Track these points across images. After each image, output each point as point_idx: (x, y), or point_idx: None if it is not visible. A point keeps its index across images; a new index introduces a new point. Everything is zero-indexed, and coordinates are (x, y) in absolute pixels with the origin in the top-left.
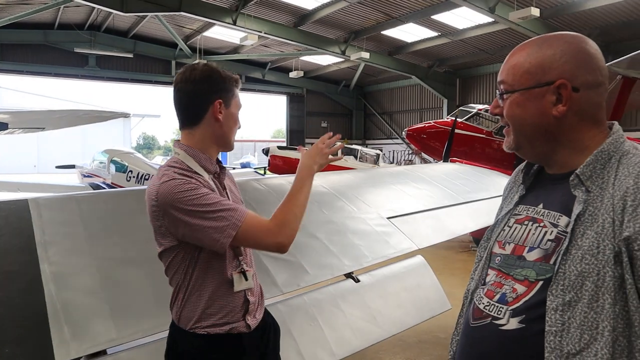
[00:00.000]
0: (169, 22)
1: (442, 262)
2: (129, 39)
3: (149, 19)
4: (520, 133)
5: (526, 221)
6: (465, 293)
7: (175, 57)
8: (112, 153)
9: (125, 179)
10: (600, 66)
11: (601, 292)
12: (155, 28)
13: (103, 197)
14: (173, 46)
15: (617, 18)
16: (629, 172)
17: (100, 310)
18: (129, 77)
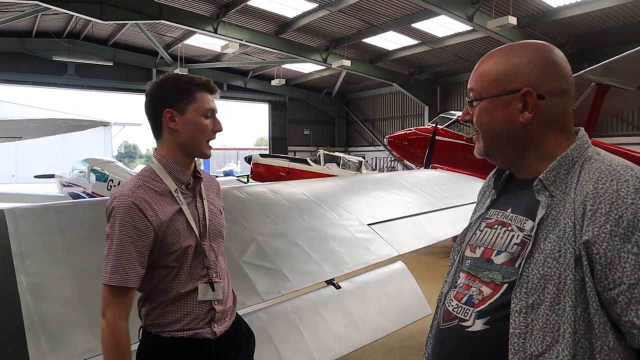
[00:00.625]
0: (149, 30)
1: (425, 268)
2: (109, 47)
3: (129, 27)
4: (489, 140)
5: (496, 225)
6: (439, 296)
7: (156, 65)
8: (93, 162)
9: (106, 188)
10: (565, 74)
11: (562, 295)
12: (136, 36)
13: (81, 207)
14: (154, 54)
15: (591, 27)
16: (589, 178)
17: (79, 321)
18: (109, 86)
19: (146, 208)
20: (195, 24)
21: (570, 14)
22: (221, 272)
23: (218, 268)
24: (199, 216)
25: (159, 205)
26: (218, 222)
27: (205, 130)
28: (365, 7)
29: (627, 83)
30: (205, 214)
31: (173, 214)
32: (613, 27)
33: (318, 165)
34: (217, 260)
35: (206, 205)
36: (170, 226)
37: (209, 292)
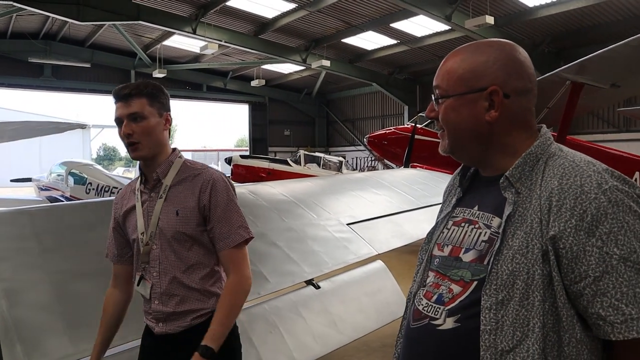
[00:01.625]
0: (127, 31)
1: (405, 267)
2: (86, 49)
3: (107, 28)
4: (455, 137)
5: (463, 223)
6: (408, 295)
7: (134, 66)
8: (71, 165)
9: (84, 191)
10: (529, 73)
11: (531, 290)
12: (113, 37)
13: (58, 210)
14: (132, 55)
15: (567, 26)
16: (554, 174)
17: (55, 326)
18: (87, 88)
19: (117, 202)
20: (174, 24)
21: (546, 13)
22: (162, 272)
23: (159, 267)
24: (147, 214)
25: (125, 200)
26: (167, 224)
27: (120, 138)
28: (343, 7)
29: (601, 81)
30: (154, 213)
31: (129, 208)
32: (587, 26)
33: (298, 165)
34: (159, 259)
35: (159, 205)
36: (126, 217)
37: (135, 285)
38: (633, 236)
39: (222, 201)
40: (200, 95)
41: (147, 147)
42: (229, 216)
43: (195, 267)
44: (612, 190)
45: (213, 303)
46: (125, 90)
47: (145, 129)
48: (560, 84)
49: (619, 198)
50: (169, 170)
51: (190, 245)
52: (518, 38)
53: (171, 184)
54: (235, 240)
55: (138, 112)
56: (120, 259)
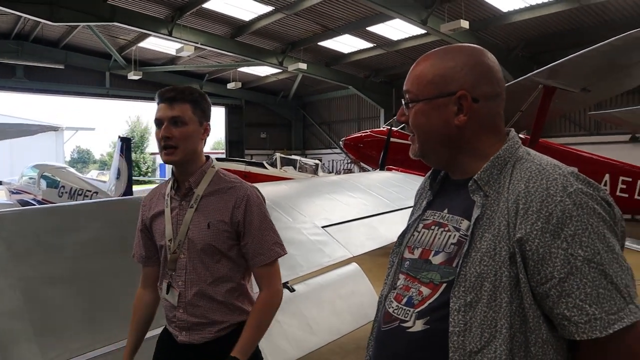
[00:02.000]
0: (102, 32)
1: (380, 269)
2: (60, 50)
3: (81, 29)
4: (425, 141)
5: (433, 226)
6: (379, 298)
7: (109, 68)
8: (43, 168)
9: (57, 194)
10: (498, 78)
11: (499, 292)
12: (88, 38)
13: (29, 214)
14: (107, 57)
15: (540, 31)
16: (521, 177)
17: (24, 333)
18: (60, 89)
19: (145, 204)
20: (149, 26)
21: (519, 19)
22: (188, 282)
23: (185, 276)
24: (177, 222)
25: (154, 203)
26: (197, 235)
27: (156, 139)
28: (320, 10)
29: (572, 85)
30: (182, 221)
31: (157, 212)
32: (560, 31)
33: (275, 168)
34: (186, 269)
35: (189, 215)
36: (154, 221)
37: (164, 293)
38: (597, 238)
39: (256, 218)
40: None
41: (181, 152)
42: (264, 233)
43: (221, 280)
44: (577, 193)
45: (237, 316)
46: (171, 93)
47: (183, 134)
48: (532, 87)
49: (583, 201)
50: (202, 179)
51: (220, 259)
52: (493, 42)
53: (203, 194)
54: (270, 257)
55: (180, 117)
56: (148, 260)
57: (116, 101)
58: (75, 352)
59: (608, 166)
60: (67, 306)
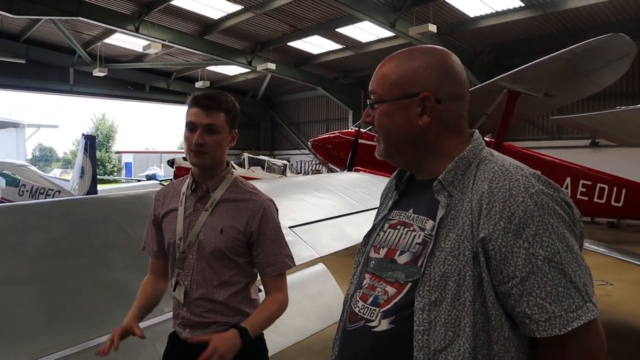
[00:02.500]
0: (66, 27)
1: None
2: (21, 44)
3: (44, 23)
4: (390, 142)
5: (398, 226)
6: (345, 297)
7: (73, 64)
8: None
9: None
10: (461, 79)
11: (462, 291)
12: (51, 33)
13: None
14: (71, 53)
15: (506, 37)
16: (485, 178)
17: None
18: (21, 85)
19: (159, 198)
20: (116, 22)
21: (486, 24)
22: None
23: (191, 277)
24: (189, 222)
25: (168, 199)
26: (208, 239)
27: (186, 141)
28: (290, 10)
29: (536, 90)
30: (195, 223)
31: (170, 209)
32: (525, 37)
33: (242, 168)
34: (194, 269)
35: (203, 217)
36: (165, 217)
37: (172, 290)
38: (557, 238)
39: (270, 230)
40: (142, 95)
41: (211, 158)
42: (277, 245)
43: (226, 284)
44: (538, 194)
45: (238, 319)
46: (208, 101)
47: (216, 142)
48: (498, 92)
49: (544, 201)
50: (220, 184)
51: (227, 264)
52: (460, 47)
53: (220, 200)
54: (281, 268)
55: (215, 125)
56: (158, 253)
57: (80, 98)
58: (34, 355)
59: (569, 170)
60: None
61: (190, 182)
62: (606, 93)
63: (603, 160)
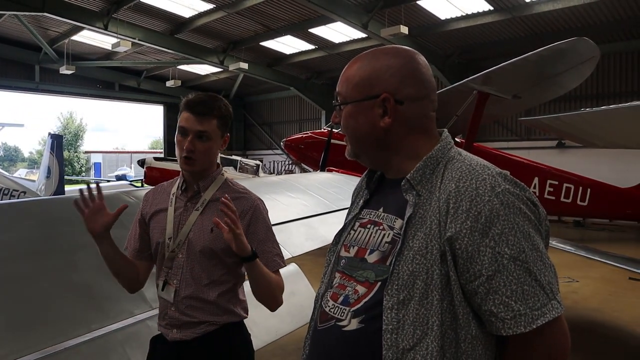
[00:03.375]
0: (31, 23)
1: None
2: None
3: (7, 18)
4: (355, 142)
5: (369, 225)
6: (315, 297)
7: (39, 61)
8: None
9: None
10: (425, 79)
11: (430, 290)
12: (15, 28)
13: None
14: (37, 49)
15: (476, 39)
16: (452, 177)
17: None
18: None
19: (147, 198)
20: (83, 19)
21: (456, 26)
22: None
23: (181, 276)
24: (179, 222)
25: (157, 199)
26: (198, 238)
27: (177, 145)
28: (262, 10)
29: (504, 92)
30: (186, 222)
31: (159, 209)
32: (494, 40)
33: None
34: (184, 268)
35: (194, 217)
36: (154, 217)
37: (159, 290)
38: (522, 237)
39: (260, 229)
40: (112, 94)
41: (201, 164)
42: (267, 245)
43: (215, 284)
44: (504, 193)
45: (227, 317)
46: (201, 107)
47: (207, 149)
48: (468, 93)
49: (510, 200)
50: (210, 185)
51: (216, 263)
52: (431, 48)
53: (210, 199)
54: (272, 267)
55: (206, 132)
56: (140, 254)
57: (47, 96)
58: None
59: (537, 170)
60: None
61: (180, 182)
62: (572, 95)
63: (569, 161)
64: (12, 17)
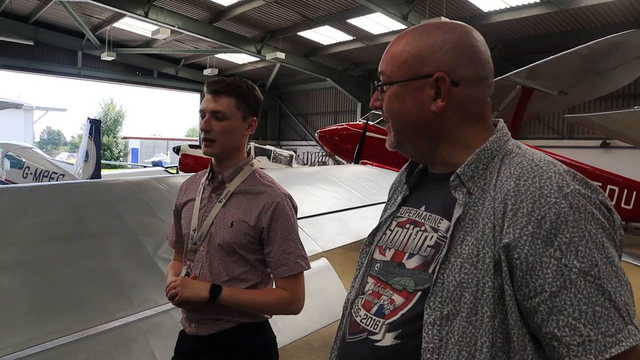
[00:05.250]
0: (75, 9)
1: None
2: (30, 25)
3: (53, 5)
4: (400, 129)
5: (408, 224)
6: (345, 303)
7: (82, 47)
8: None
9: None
10: (483, 59)
11: (480, 305)
12: (60, 15)
13: None
14: (80, 36)
15: (519, 33)
16: (511, 174)
17: None
18: (29, 67)
19: (182, 188)
20: (125, 6)
21: (499, 19)
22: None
23: (200, 270)
24: (203, 213)
25: (189, 190)
26: (219, 232)
27: (200, 129)
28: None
29: (550, 87)
30: (208, 215)
31: (190, 199)
32: (539, 34)
33: None
34: (203, 262)
35: (216, 209)
36: (184, 207)
37: None
38: (595, 247)
39: (282, 227)
40: (150, 81)
41: (220, 146)
42: (288, 244)
43: (235, 281)
44: (573, 194)
45: (245, 318)
46: (217, 85)
47: (224, 129)
48: (511, 87)
49: (581, 204)
50: (236, 176)
51: (237, 259)
52: None
53: (234, 191)
54: (293, 269)
55: (222, 111)
56: (177, 245)
57: (88, 82)
58: (20, 345)
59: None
60: (14, 295)
61: (208, 171)
62: (619, 94)
63: (614, 162)
64: (57, 4)
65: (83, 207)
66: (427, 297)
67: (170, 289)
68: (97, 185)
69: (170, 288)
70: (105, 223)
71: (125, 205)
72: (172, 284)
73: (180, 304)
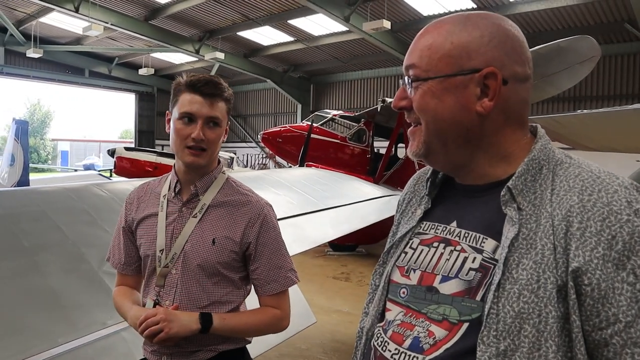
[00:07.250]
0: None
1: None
2: None
3: None
4: (434, 132)
5: (435, 242)
6: (358, 332)
7: (4, 43)
8: None
9: None
10: (529, 57)
11: (544, 338)
12: None
13: None
14: (2, 31)
15: None
16: (570, 187)
17: None
18: None
19: (132, 200)
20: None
21: None
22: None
23: (174, 296)
24: (173, 230)
25: (144, 203)
26: (197, 251)
27: (179, 134)
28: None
29: None
30: (181, 232)
31: (148, 215)
32: None
33: None
34: (178, 287)
35: (190, 225)
36: (141, 224)
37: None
38: None
39: (271, 240)
40: (81, 80)
41: (209, 156)
42: (279, 259)
43: (217, 305)
44: None
45: (226, 345)
46: (211, 88)
47: (217, 138)
48: None
49: None
50: (210, 186)
51: (219, 280)
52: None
53: (210, 204)
54: (284, 285)
55: (218, 118)
56: (127, 268)
57: (12, 80)
58: None
59: None
60: None
61: (173, 182)
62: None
63: None
64: None
65: (14, 218)
66: (476, 328)
67: (150, 325)
68: (28, 193)
69: (149, 324)
70: (41, 236)
71: (63, 215)
72: (151, 319)
73: (165, 341)
